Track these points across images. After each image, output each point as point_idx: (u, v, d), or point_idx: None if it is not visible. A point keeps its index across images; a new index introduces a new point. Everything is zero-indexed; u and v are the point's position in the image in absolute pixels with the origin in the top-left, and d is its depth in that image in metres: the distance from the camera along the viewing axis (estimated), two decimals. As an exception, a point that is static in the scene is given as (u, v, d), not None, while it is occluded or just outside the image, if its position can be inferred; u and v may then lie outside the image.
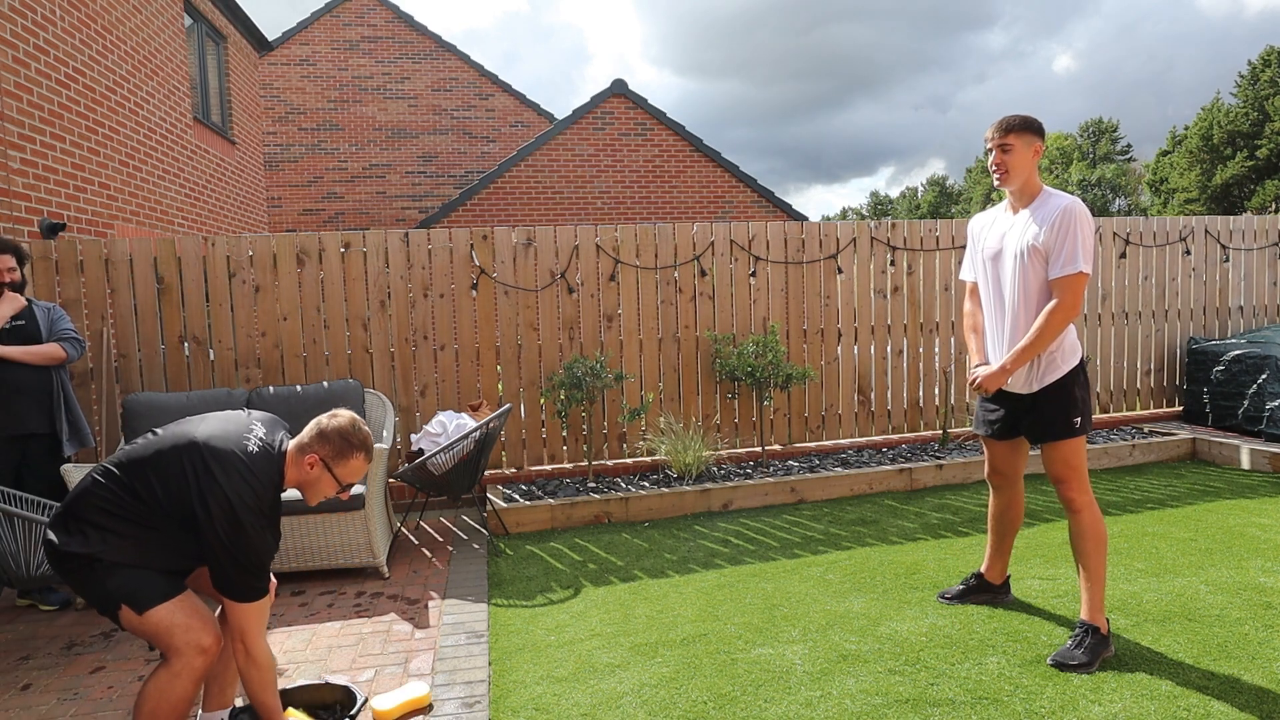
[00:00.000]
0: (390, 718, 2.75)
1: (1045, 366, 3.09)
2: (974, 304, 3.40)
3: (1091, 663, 2.92)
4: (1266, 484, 5.36)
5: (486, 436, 4.63)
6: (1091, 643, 2.96)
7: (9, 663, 3.41)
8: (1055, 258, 2.99)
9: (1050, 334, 2.98)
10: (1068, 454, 3.07)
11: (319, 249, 5.39)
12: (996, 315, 3.21)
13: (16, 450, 3.98)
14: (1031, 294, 3.07)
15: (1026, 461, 3.42)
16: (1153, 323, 7.20)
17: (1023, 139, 3.06)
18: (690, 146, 13.49)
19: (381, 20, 16.97)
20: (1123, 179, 49.13)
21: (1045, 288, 3.05)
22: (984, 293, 3.29)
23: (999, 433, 3.30)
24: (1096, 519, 3.06)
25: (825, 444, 6.38)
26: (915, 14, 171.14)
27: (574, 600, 3.84)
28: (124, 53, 7.49)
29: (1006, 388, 3.19)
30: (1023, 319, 3.09)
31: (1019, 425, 3.23)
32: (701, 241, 6.06)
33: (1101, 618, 3.02)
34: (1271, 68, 37.55)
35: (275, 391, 4.84)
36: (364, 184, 16.96)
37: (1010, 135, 3.07)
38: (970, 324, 3.40)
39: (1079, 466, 3.07)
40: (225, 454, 2.33)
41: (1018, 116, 3.09)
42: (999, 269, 3.18)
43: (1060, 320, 2.97)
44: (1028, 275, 3.06)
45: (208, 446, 2.34)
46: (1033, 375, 3.11)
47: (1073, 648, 2.98)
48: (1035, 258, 3.03)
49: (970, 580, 3.60)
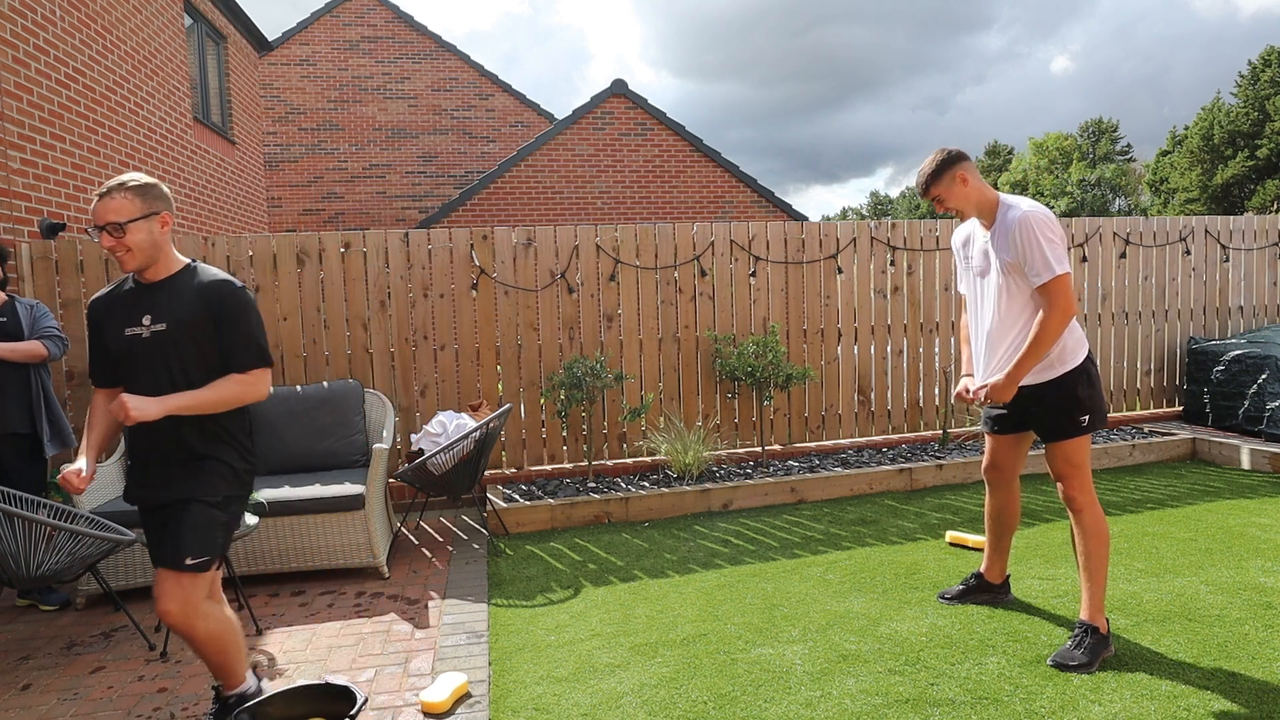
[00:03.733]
0: (443, 708, 2.83)
1: (1042, 367, 3.09)
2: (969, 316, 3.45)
3: (1091, 663, 2.92)
4: (1266, 484, 5.36)
5: (486, 436, 4.63)
6: (1091, 643, 2.96)
7: (9, 663, 3.41)
8: (1029, 269, 3.00)
9: (1047, 339, 2.99)
10: (1070, 452, 3.07)
11: (319, 249, 5.39)
12: (981, 328, 3.24)
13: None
14: (1014, 305, 3.09)
15: (1025, 460, 3.44)
16: (1153, 323, 7.20)
17: (943, 182, 3.10)
18: (690, 146, 13.48)
19: (381, 20, 16.97)
20: (1123, 179, 49.09)
21: (1026, 298, 3.07)
22: (970, 306, 3.32)
23: (1002, 427, 3.33)
24: (1098, 519, 3.06)
25: (825, 444, 6.38)
26: (912, 16, 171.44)
27: (574, 600, 3.84)
28: (124, 53, 7.48)
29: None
30: (1013, 333, 3.10)
31: (1026, 419, 3.23)
32: (701, 241, 6.06)
33: (1101, 618, 3.02)
34: (1272, 68, 37.54)
35: (275, 392, 4.84)
36: (364, 184, 16.96)
37: (933, 189, 3.13)
38: (965, 335, 3.44)
39: (1081, 465, 3.07)
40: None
41: (928, 166, 3.13)
42: (984, 284, 3.20)
43: (1056, 324, 2.97)
44: (1008, 288, 3.09)
45: None
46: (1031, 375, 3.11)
47: (1072, 648, 2.98)
48: (1011, 272, 3.07)
49: (970, 580, 3.60)
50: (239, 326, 2.58)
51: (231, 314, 2.57)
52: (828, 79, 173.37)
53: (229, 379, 2.57)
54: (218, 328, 2.57)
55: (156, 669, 3.31)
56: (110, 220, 2.46)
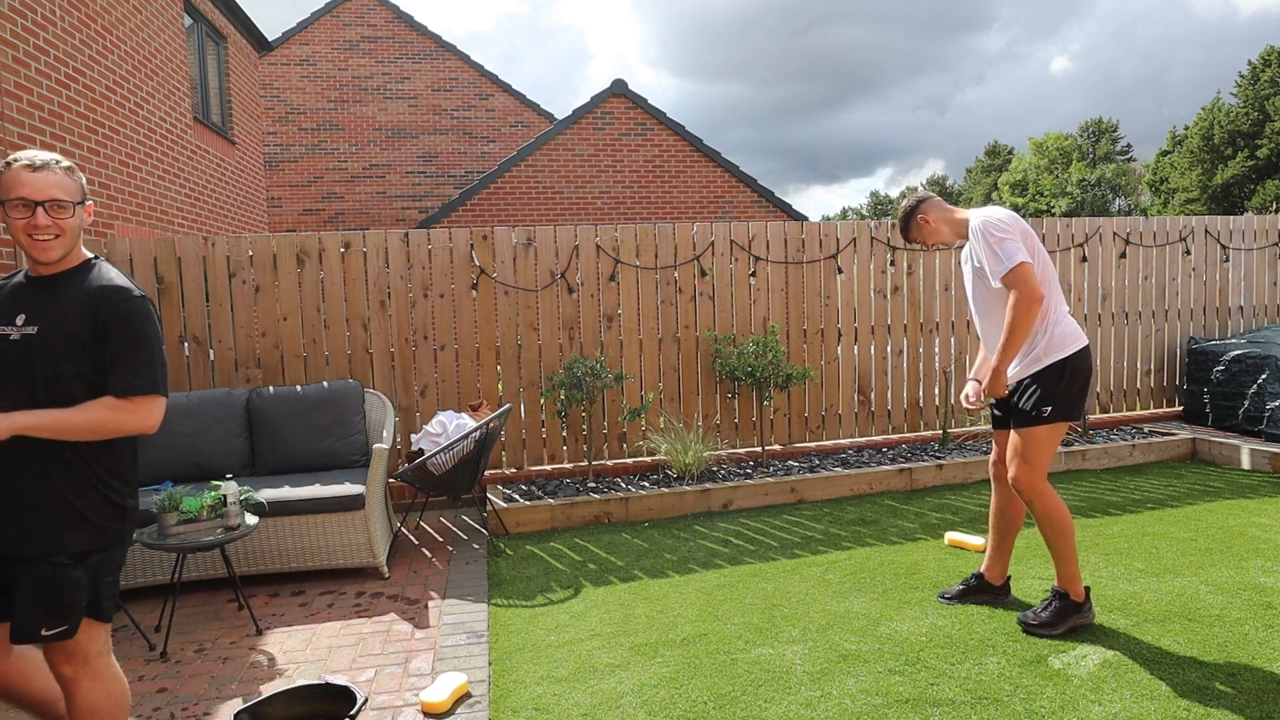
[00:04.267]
0: (443, 708, 2.83)
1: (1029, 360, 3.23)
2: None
3: (1055, 624, 3.08)
4: (1266, 484, 5.36)
5: (486, 436, 4.63)
6: (1059, 606, 3.14)
7: (9, 663, 3.41)
8: (992, 268, 3.18)
9: (1019, 325, 3.12)
10: (1023, 440, 3.20)
11: (319, 249, 5.39)
12: (981, 333, 3.48)
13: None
14: (991, 307, 3.31)
15: None
16: (1153, 323, 7.20)
17: (911, 229, 3.47)
18: (690, 146, 13.48)
19: (381, 20, 16.97)
20: (1123, 179, 49.10)
21: (997, 298, 3.26)
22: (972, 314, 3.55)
23: (999, 422, 3.49)
24: (1052, 508, 3.18)
25: (825, 444, 6.38)
26: (912, 16, 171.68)
27: (574, 600, 3.84)
28: (124, 53, 7.49)
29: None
30: (992, 331, 3.33)
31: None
32: (701, 241, 6.06)
33: (1075, 586, 3.16)
34: (1272, 68, 37.55)
35: (275, 391, 4.84)
36: (364, 184, 16.96)
37: (909, 237, 3.50)
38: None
39: (1030, 457, 3.18)
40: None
41: (900, 214, 3.52)
42: (975, 292, 3.43)
43: (1022, 308, 3.10)
44: (984, 292, 3.33)
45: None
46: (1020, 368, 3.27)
47: (1039, 609, 3.18)
48: (982, 277, 3.30)
49: (970, 580, 3.62)
50: (128, 342, 2.15)
51: (121, 326, 2.15)
52: (827, 79, 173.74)
53: (101, 402, 2.13)
54: (100, 340, 2.15)
55: (156, 669, 3.31)
56: (55, 197, 2.10)
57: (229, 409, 4.72)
